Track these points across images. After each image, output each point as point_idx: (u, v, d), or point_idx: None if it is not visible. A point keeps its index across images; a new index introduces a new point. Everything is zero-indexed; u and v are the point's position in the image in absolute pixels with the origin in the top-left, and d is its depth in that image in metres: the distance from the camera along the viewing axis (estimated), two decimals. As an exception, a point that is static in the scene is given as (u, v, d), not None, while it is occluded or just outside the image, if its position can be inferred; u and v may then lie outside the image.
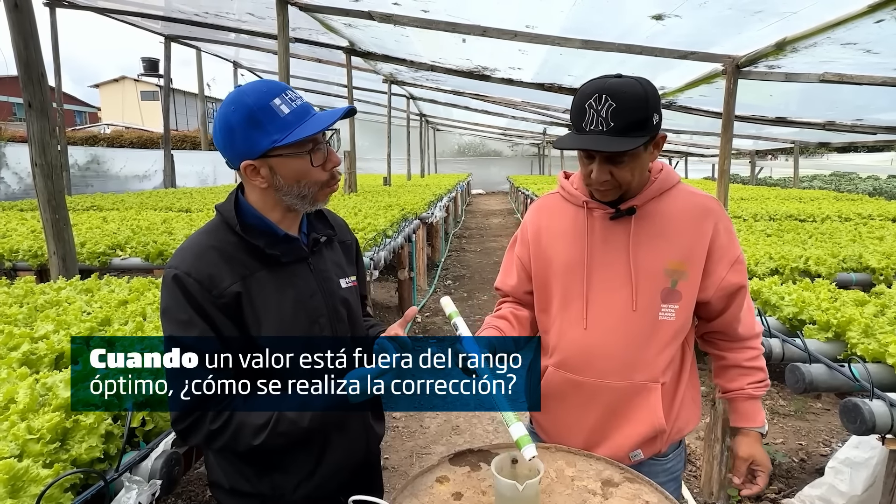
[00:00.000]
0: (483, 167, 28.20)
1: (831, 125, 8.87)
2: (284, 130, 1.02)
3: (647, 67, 6.40)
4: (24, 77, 2.63)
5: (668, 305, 1.24)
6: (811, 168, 20.99)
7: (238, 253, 1.08)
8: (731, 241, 1.27)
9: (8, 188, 9.41)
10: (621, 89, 1.12)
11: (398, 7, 5.50)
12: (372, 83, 11.61)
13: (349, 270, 1.28)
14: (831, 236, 4.46)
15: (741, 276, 1.28)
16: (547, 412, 1.39)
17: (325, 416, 1.06)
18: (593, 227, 1.29)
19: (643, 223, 1.26)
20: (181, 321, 1.01)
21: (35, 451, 1.05)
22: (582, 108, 1.14)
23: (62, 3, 8.30)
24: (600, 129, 1.12)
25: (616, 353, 1.27)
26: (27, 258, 3.49)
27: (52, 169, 2.75)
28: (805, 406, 3.71)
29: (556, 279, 1.32)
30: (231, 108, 1.03)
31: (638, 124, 1.13)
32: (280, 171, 1.07)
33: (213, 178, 16.16)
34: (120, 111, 33.57)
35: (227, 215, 1.11)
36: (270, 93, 1.04)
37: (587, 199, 1.29)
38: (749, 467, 1.35)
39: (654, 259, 1.24)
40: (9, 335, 1.62)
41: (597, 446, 1.33)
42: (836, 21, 3.90)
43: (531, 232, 1.38)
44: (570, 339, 1.30)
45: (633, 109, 1.11)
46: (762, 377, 1.34)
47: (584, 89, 1.16)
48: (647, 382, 1.28)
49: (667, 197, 1.27)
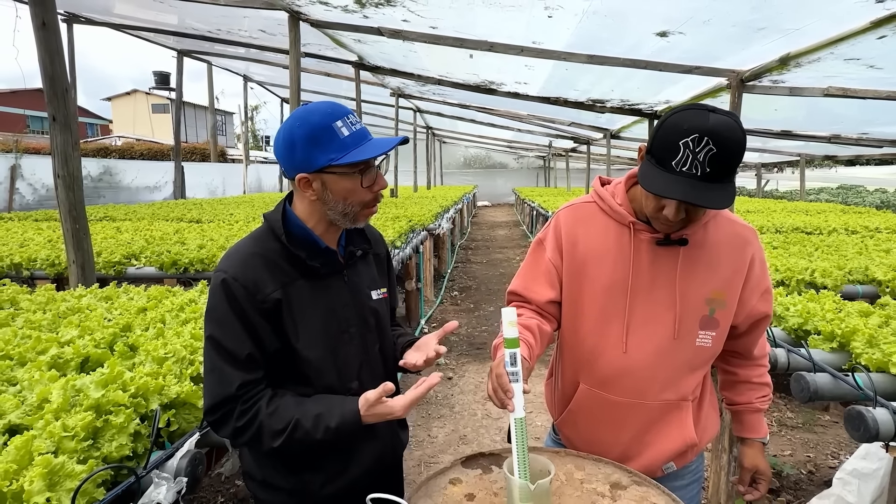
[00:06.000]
0: (489, 179, 28.33)
1: (837, 138, 8.91)
2: (342, 151, 1.11)
3: (652, 81, 6.49)
4: (49, 92, 2.73)
5: (705, 332, 1.24)
6: (818, 181, 20.93)
7: (280, 261, 1.15)
8: (763, 271, 1.28)
9: (23, 199, 9.58)
10: (725, 135, 1.02)
11: (407, 24, 5.62)
12: (380, 97, 11.77)
13: (381, 282, 1.35)
14: (837, 249, 4.48)
15: (769, 305, 1.30)
16: (577, 428, 1.39)
17: (338, 432, 1.09)
18: (639, 249, 1.24)
19: (690, 252, 1.23)
20: (222, 322, 1.08)
21: (70, 448, 1.10)
22: (675, 145, 1.05)
23: (79, 20, 8.52)
24: (694, 172, 1.04)
25: (655, 378, 1.27)
26: (45, 267, 3.58)
27: (73, 180, 2.84)
28: (813, 418, 3.70)
29: (592, 298, 1.27)
30: (297, 123, 1.12)
31: (732, 171, 1.07)
32: (331, 188, 1.14)
33: (223, 190, 16.36)
34: (131, 124, 34.08)
35: (275, 224, 1.18)
36: (334, 115, 1.12)
37: (633, 220, 1.24)
38: (753, 476, 1.39)
39: (698, 289, 1.23)
40: (37, 340, 1.68)
41: (631, 461, 1.32)
42: (838, 37, 3.96)
43: (566, 241, 1.30)
44: (607, 361, 1.28)
45: (733, 158, 1.04)
46: (767, 392, 1.39)
47: (677, 123, 1.06)
48: (680, 401, 1.29)
49: (710, 225, 1.25)
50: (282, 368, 1.15)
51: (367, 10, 5.38)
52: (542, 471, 1.14)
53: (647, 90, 7.18)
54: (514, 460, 1.11)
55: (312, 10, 5.67)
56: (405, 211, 7.37)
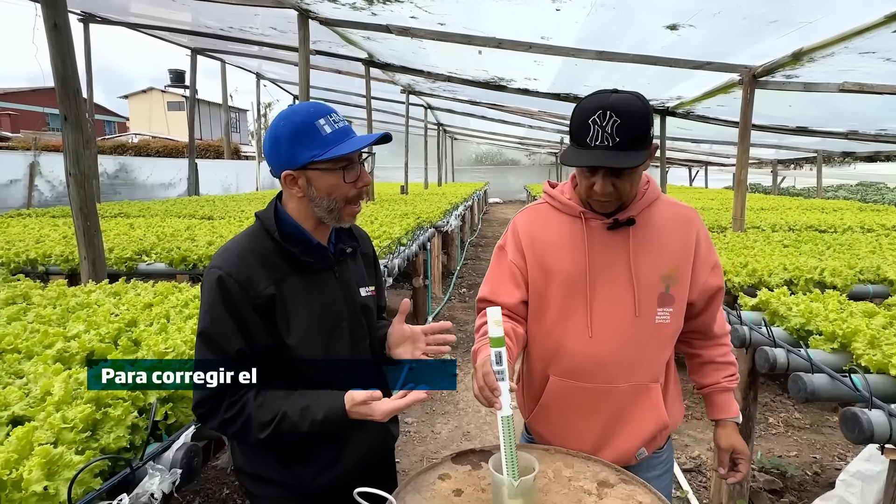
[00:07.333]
0: (500, 176, 28.25)
1: (854, 134, 8.73)
2: (324, 147, 1.14)
3: (663, 77, 6.42)
4: (60, 92, 2.79)
5: (663, 309, 1.31)
6: (836, 178, 20.50)
7: (274, 258, 1.18)
8: (709, 247, 1.37)
9: (41, 195, 9.81)
10: (625, 106, 1.15)
11: (415, 21, 5.63)
12: (390, 93, 11.80)
13: (369, 280, 1.38)
14: (850, 247, 4.40)
15: (719, 278, 1.37)
16: (549, 422, 1.42)
17: (324, 425, 1.11)
18: (592, 237, 1.32)
19: (639, 232, 1.31)
20: (214, 317, 1.12)
21: (69, 438, 1.14)
22: (585, 124, 1.17)
23: (95, 19, 8.66)
24: (606, 144, 1.16)
25: (622, 358, 1.32)
26: (59, 262, 3.66)
27: (84, 178, 2.90)
28: (821, 419, 3.65)
29: (555, 290, 1.33)
30: (281, 123, 1.16)
31: (641, 139, 1.18)
32: (315, 184, 1.18)
33: (236, 187, 16.55)
34: (147, 121, 34.59)
35: (267, 223, 1.21)
36: (316, 113, 1.16)
37: (583, 210, 1.33)
38: (732, 457, 1.40)
39: (651, 266, 1.30)
40: (44, 334, 1.74)
41: (604, 449, 1.36)
42: (853, 31, 3.89)
43: (525, 241, 1.37)
44: (574, 349, 1.33)
45: (637, 125, 1.16)
46: (734, 371, 1.43)
47: (584, 106, 1.19)
48: (649, 383, 1.34)
49: (654, 207, 1.34)
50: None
51: (374, 7, 5.40)
52: (528, 468, 1.15)
53: (659, 86, 7.10)
54: (502, 457, 1.12)
55: (321, 8, 5.71)
56: (414, 208, 7.39)
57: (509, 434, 1.12)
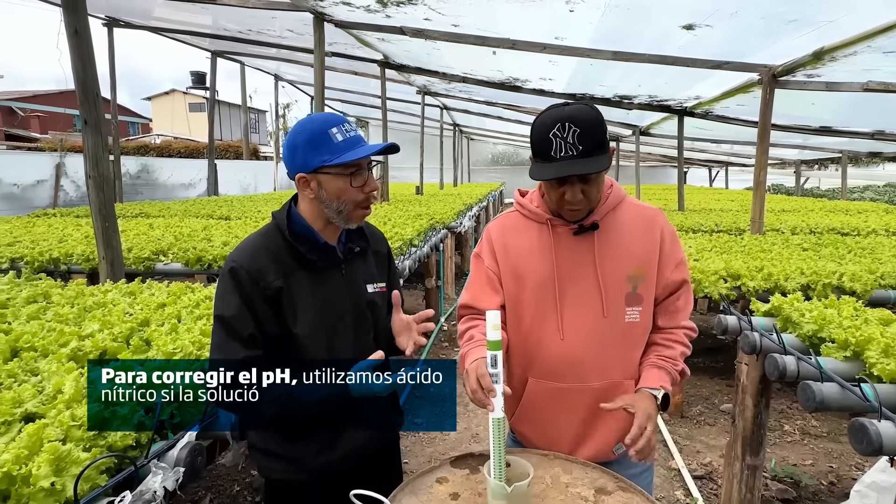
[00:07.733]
0: (517, 176, 28.05)
1: (881, 134, 8.49)
2: (334, 153, 1.26)
3: (681, 77, 6.33)
4: (81, 96, 2.87)
5: (632, 308, 1.35)
6: (863, 178, 19.95)
7: (283, 255, 1.30)
8: (674, 244, 1.40)
9: (66, 195, 10.07)
10: (581, 115, 1.21)
11: (429, 22, 5.65)
12: (406, 94, 11.85)
13: (380, 277, 1.47)
14: (873, 251, 4.28)
15: (683, 273, 1.41)
16: (529, 422, 1.46)
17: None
18: (559, 242, 1.37)
19: (603, 235, 1.36)
20: (230, 305, 1.24)
21: (77, 436, 1.18)
22: (546, 138, 1.22)
23: (119, 24, 8.88)
24: (571, 153, 1.21)
25: (593, 358, 1.36)
26: (80, 262, 3.77)
27: (103, 180, 2.98)
28: (839, 427, 3.57)
29: (528, 295, 1.38)
30: (298, 130, 1.30)
31: (601, 144, 1.23)
32: (325, 187, 1.29)
33: (255, 187, 16.77)
34: (170, 122, 35.29)
35: (280, 222, 1.34)
36: (330, 123, 1.28)
37: (549, 217, 1.38)
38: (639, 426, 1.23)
39: (617, 267, 1.35)
40: (59, 333, 1.79)
41: (582, 446, 1.40)
42: (875, 30, 3.78)
43: (498, 248, 1.43)
44: (548, 351, 1.38)
45: (596, 131, 1.22)
46: (672, 353, 1.38)
47: (542, 121, 1.25)
48: (623, 380, 1.38)
49: (619, 210, 1.39)
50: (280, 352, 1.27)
51: (388, 9, 5.44)
52: (524, 473, 1.16)
53: (677, 86, 7.00)
54: (491, 461, 1.13)
55: (336, 11, 5.77)
56: (428, 209, 7.41)
57: (500, 437, 1.15)
